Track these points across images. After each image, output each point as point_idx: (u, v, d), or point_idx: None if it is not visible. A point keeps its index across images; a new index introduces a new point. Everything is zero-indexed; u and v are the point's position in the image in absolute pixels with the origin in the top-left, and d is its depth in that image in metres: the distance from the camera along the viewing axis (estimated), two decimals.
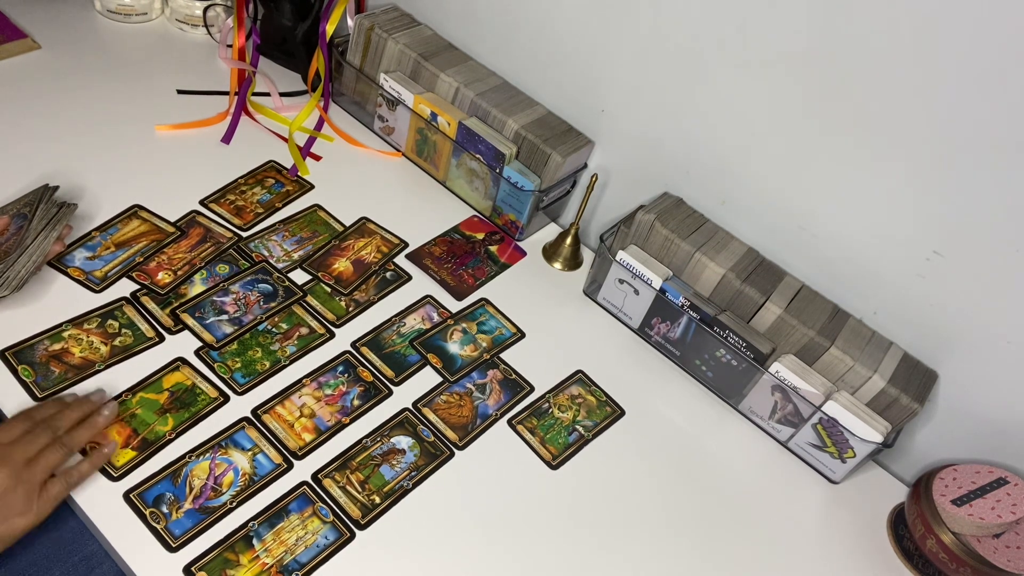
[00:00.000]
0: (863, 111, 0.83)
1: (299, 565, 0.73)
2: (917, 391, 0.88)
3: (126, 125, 1.06)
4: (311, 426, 0.83)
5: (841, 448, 0.90)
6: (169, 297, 0.89)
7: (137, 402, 0.80)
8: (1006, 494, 0.83)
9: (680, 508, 0.87)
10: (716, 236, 0.97)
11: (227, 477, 0.77)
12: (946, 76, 0.76)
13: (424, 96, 1.08)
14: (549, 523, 0.82)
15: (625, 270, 0.97)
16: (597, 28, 0.99)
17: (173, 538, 0.72)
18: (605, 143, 1.07)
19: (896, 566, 0.88)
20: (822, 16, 0.81)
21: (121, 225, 0.95)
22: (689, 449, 0.93)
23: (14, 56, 1.11)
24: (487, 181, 1.07)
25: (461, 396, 0.90)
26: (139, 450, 0.77)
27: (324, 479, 0.79)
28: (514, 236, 1.09)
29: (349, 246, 1.01)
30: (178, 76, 1.16)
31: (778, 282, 0.94)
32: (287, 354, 0.88)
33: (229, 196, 1.02)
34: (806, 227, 0.94)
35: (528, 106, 1.08)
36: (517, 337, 0.98)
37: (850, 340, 0.90)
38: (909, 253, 0.87)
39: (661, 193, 1.02)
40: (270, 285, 0.94)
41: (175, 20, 1.23)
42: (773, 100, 0.89)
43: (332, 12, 1.12)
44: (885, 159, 0.84)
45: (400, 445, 0.84)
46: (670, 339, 0.99)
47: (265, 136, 1.12)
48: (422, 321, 0.96)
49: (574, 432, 0.90)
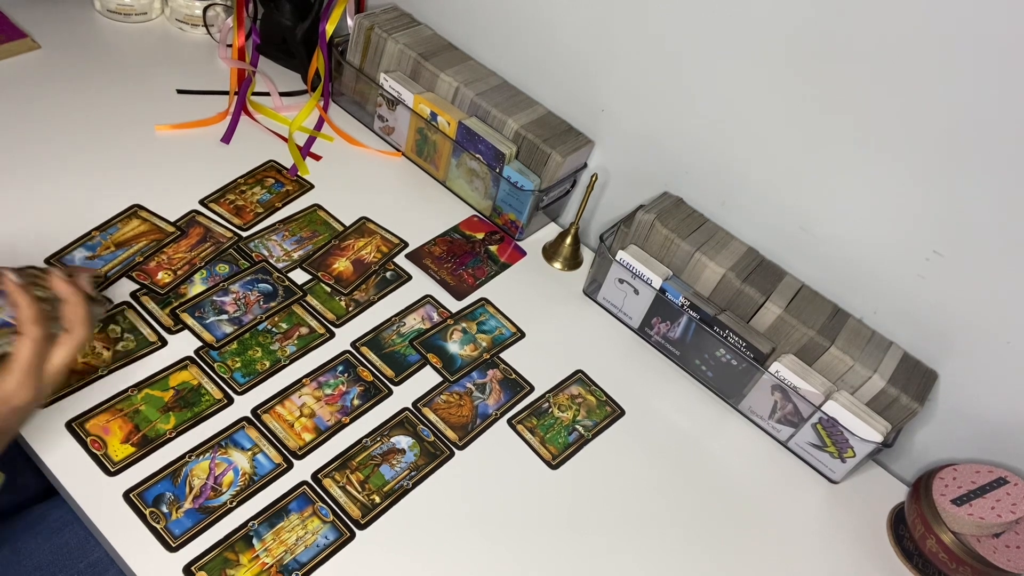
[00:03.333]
0: (864, 111, 0.83)
1: (299, 565, 0.73)
2: (917, 391, 0.88)
3: (126, 125, 1.06)
4: (311, 426, 0.83)
5: (841, 448, 0.90)
6: (169, 297, 0.89)
7: (142, 398, 0.80)
8: (1006, 494, 0.83)
9: (680, 508, 0.87)
10: (716, 236, 0.97)
11: (227, 477, 0.77)
12: (946, 76, 0.76)
13: (424, 96, 1.08)
14: (549, 523, 0.82)
15: (625, 270, 0.97)
16: (597, 28, 0.99)
17: (173, 538, 0.72)
18: (605, 143, 1.07)
19: (896, 566, 0.88)
20: (823, 17, 0.81)
21: (121, 225, 0.95)
22: (689, 449, 0.93)
23: (14, 56, 1.10)
24: (487, 181, 1.07)
25: (461, 396, 0.90)
26: (138, 447, 0.77)
27: (324, 479, 0.79)
28: (514, 236, 1.09)
29: (349, 246, 1.01)
30: (178, 76, 1.16)
31: (778, 282, 0.94)
32: (287, 354, 0.88)
33: (229, 196, 1.02)
34: (806, 227, 0.94)
35: (528, 106, 1.08)
36: (517, 337, 0.98)
37: (850, 340, 0.90)
38: (909, 253, 0.87)
39: (661, 193, 1.02)
40: (270, 285, 0.94)
41: (175, 20, 1.23)
42: (774, 100, 0.89)
43: (332, 12, 1.12)
44: (885, 159, 0.84)
45: (400, 445, 0.84)
46: (670, 339, 0.99)
47: (265, 136, 1.12)
48: (422, 321, 0.96)
49: (574, 432, 0.90)
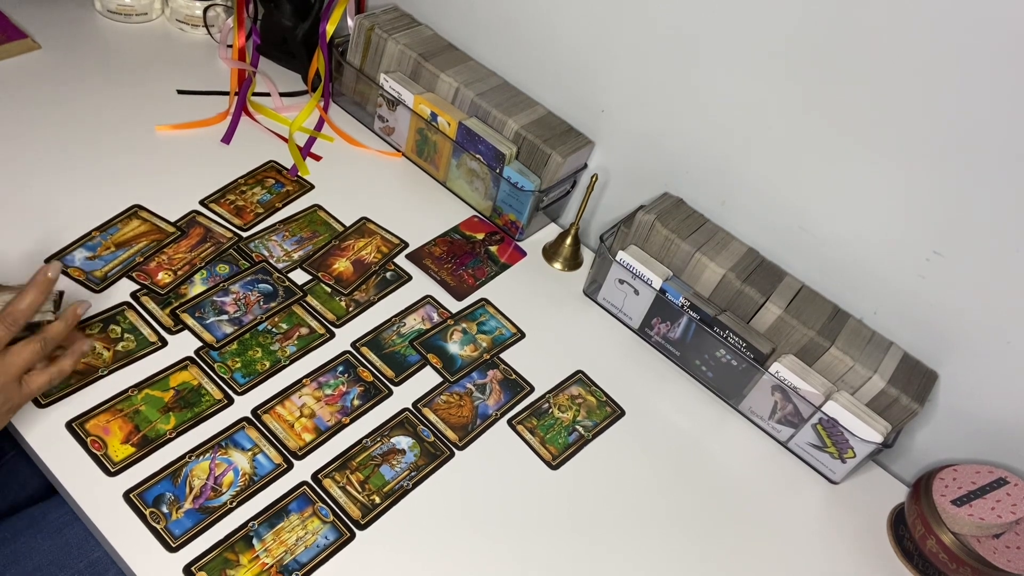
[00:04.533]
0: (864, 111, 0.83)
1: (299, 565, 0.73)
2: (917, 391, 0.88)
3: (126, 125, 1.06)
4: (311, 426, 0.83)
5: (841, 448, 0.90)
6: (169, 297, 0.89)
7: (142, 398, 0.80)
8: (1006, 494, 0.83)
9: (680, 508, 0.87)
10: (716, 236, 0.97)
11: (227, 477, 0.77)
12: (947, 76, 0.76)
13: (424, 96, 1.08)
14: (549, 523, 0.82)
15: (625, 270, 0.97)
16: (597, 28, 0.99)
17: (173, 538, 0.72)
18: (605, 143, 1.07)
19: (896, 566, 0.88)
20: (823, 17, 0.81)
21: (121, 225, 0.95)
22: (689, 449, 0.93)
23: (14, 56, 1.10)
24: (487, 181, 1.07)
25: (461, 396, 0.90)
26: (138, 447, 0.77)
27: (324, 479, 0.79)
28: (514, 236, 1.09)
29: (349, 246, 1.01)
30: (178, 76, 1.16)
31: (778, 282, 0.94)
32: (287, 354, 0.88)
33: (229, 196, 1.02)
34: (806, 227, 0.94)
35: (528, 106, 1.08)
36: (517, 337, 0.98)
37: (850, 340, 0.90)
38: (909, 253, 0.87)
39: (661, 193, 1.02)
40: (270, 285, 0.94)
41: (175, 20, 1.23)
42: (773, 100, 0.89)
43: (332, 12, 1.12)
44: (886, 159, 0.84)
45: (400, 445, 0.84)
46: (670, 339, 0.99)
47: (265, 136, 1.12)
48: (422, 321, 0.96)
49: (574, 432, 0.90)
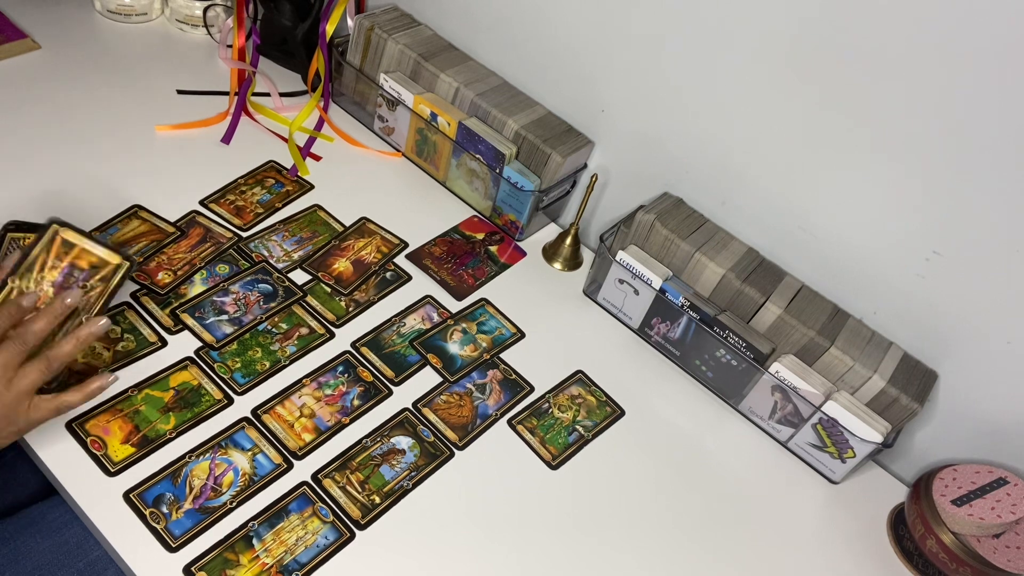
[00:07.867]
0: (864, 111, 0.83)
1: (299, 565, 0.73)
2: (917, 391, 0.88)
3: (126, 125, 1.06)
4: (311, 426, 0.83)
5: (841, 448, 0.90)
6: (169, 297, 0.89)
7: (142, 398, 0.80)
8: (1006, 494, 0.83)
9: (680, 508, 0.87)
10: (716, 236, 0.97)
11: (227, 477, 0.77)
12: (947, 76, 0.76)
13: (424, 96, 1.08)
14: (549, 523, 0.82)
15: (625, 270, 0.97)
16: (597, 28, 0.99)
17: (173, 538, 0.72)
18: (605, 143, 1.07)
19: (896, 566, 0.88)
20: (824, 17, 0.81)
21: (121, 225, 0.95)
22: (689, 449, 0.93)
23: (14, 56, 1.10)
24: (487, 181, 1.07)
25: (461, 396, 0.90)
26: (138, 447, 0.77)
27: (324, 479, 0.79)
28: (514, 236, 1.09)
29: (349, 246, 1.01)
30: (178, 76, 1.16)
31: (778, 282, 0.94)
32: (287, 354, 0.88)
33: (229, 196, 1.02)
34: (806, 227, 0.94)
35: (528, 106, 1.08)
36: (517, 337, 0.98)
37: (850, 340, 0.90)
38: (909, 253, 0.87)
39: (661, 193, 1.02)
40: (270, 285, 0.94)
41: (175, 20, 1.23)
42: (774, 100, 0.89)
43: (332, 12, 1.12)
44: (885, 159, 0.84)
45: (400, 445, 0.84)
46: (670, 339, 0.99)
47: (265, 136, 1.12)
48: (422, 321, 0.96)
49: (574, 432, 0.90)
